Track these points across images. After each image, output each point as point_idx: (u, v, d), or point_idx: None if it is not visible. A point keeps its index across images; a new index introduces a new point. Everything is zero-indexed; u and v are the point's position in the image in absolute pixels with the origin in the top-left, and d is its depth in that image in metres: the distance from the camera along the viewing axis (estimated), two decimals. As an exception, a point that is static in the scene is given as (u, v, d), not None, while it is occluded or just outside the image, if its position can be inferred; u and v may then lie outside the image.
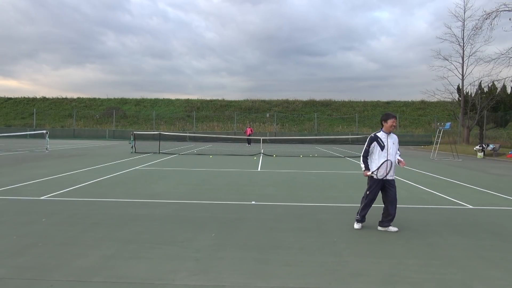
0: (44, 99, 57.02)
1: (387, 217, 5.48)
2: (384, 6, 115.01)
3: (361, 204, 5.66)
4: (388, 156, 5.48)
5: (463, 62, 33.95)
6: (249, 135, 33.06)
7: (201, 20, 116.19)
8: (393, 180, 5.55)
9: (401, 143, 42.90)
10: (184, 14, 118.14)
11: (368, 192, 5.55)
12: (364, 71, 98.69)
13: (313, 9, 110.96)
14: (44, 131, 21.75)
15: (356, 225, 5.58)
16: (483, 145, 23.57)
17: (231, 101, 56.26)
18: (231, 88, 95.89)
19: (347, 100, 56.63)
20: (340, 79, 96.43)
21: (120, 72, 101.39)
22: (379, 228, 5.52)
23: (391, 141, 5.56)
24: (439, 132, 21.79)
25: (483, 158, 22.29)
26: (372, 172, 5.47)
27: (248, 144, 32.75)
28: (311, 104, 55.09)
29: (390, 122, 5.52)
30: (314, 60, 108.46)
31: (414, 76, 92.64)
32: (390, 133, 5.57)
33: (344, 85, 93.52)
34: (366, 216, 5.65)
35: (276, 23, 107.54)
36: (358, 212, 5.65)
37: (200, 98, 57.96)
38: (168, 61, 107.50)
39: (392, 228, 5.45)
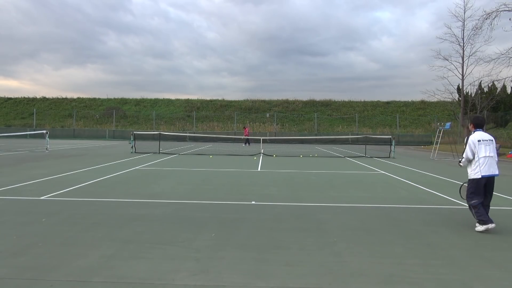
0: (44, 99, 57.04)
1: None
2: (385, 6, 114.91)
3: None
4: None
5: (463, 62, 33.89)
6: (247, 135, 33.11)
7: (203, 20, 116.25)
8: None
9: (401, 143, 42.39)
10: (185, 14, 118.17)
11: None
12: (365, 71, 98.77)
13: (315, 9, 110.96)
14: (44, 131, 21.75)
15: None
16: (483, 145, 23.51)
17: (231, 101, 56.26)
18: (232, 88, 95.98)
19: (347, 100, 56.66)
20: (341, 79, 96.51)
21: (121, 72, 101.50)
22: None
23: None
24: (439, 132, 21.79)
25: (483, 158, 22.24)
26: None
27: (244, 144, 32.76)
28: (311, 104, 55.09)
29: None
30: (315, 60, 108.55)
31: (415, 76, 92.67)
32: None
33: (345, 85, 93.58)
34: (366, 217, 5.64)
35: (278, 23, 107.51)
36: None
37: (200, 98, 58.04)
38: (169, 61, 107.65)
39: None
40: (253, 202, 7.35)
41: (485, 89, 33.79)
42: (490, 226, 5.40)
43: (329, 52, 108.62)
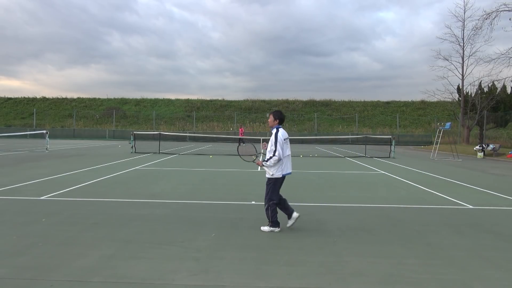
0: (44, 99, 57.01)
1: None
2: (391, 7, 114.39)
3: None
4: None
5: (463, 62, 33.96)
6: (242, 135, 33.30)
7: (207, 20, 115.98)
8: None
9: (401, 143, 42.26)
10: (190, 15, 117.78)
11: None
12: (368, 71, 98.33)
13: (320, 10, 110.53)
14: (44, 131, 21.74)
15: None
16: (483, 145, 23.57)
17: (231, 101, 56.26)
18: (234, 88, 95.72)
19: (347, 100, 56.63)
20: (343, 79, 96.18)
21: (124, 72, 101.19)
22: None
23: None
24: (439, 132, 21.81)
25: (483, 158, 22.29)
26: None
27: (240, 143, 33.03)
28: (311, 104, 55.09)
29: None
30: (319, 60, 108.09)
31: (418, 77, 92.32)
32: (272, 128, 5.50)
33: (347, 85, 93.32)
34: (366, 217, 5.62)
35: (283, 23, 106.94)
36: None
37: (200, 98, 58.03)
38: (172, 61, 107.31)
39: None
40: (253, 202, 7.35)
41: (485, 89, 33.78)
42: (277, 230, 5.26)
43: (333, 53, 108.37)
